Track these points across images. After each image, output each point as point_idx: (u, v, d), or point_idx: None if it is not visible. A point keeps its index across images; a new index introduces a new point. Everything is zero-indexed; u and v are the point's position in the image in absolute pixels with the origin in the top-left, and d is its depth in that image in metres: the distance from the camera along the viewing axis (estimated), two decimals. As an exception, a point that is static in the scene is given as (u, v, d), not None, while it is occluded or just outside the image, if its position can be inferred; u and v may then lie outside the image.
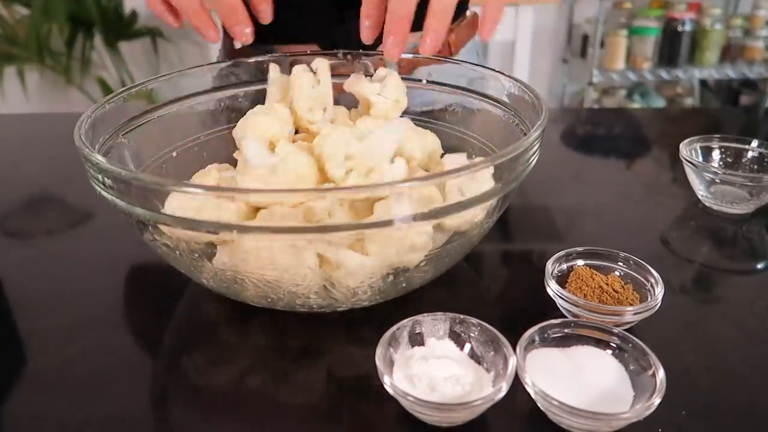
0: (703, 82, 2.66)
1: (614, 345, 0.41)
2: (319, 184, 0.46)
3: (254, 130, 0.50)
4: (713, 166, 0.64)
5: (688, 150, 0.65)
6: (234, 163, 0.54)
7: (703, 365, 0.43)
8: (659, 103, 2.58)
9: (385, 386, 0.37)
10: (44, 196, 0.70)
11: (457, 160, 0.55)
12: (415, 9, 0.49)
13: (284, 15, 0.72)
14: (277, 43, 0.71)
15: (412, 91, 0.57)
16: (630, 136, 0.88)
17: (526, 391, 0.37)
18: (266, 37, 0.60)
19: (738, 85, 2.61)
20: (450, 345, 0.41)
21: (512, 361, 0.38)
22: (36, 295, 0.52)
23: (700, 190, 0.64)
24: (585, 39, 2.46)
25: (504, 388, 0.36)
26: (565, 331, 0.41)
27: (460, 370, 0.39)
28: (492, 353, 0.40)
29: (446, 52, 0.72)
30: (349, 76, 0.56)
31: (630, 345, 0.40)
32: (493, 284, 0.53)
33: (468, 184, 0.42)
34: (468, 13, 0.76)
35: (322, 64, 0.55)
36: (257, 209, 0.44)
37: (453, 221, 0.45)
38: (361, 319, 0.47)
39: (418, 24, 0.50)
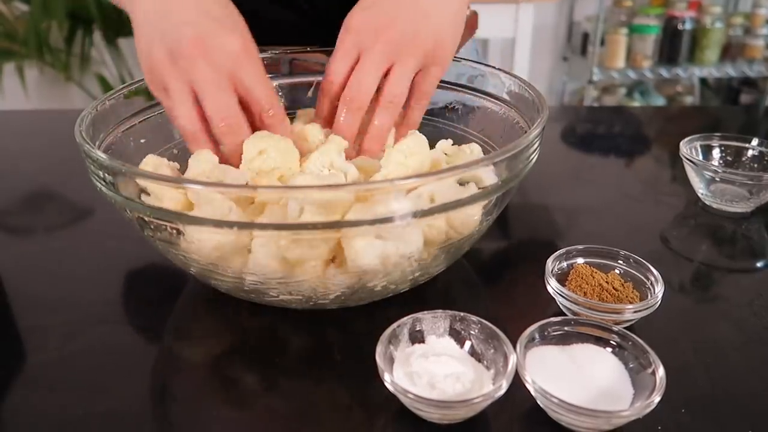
0: (703, 81, 2.66)
1: (614, 343, 0.41)
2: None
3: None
4: (713, 165, 0.64)
5: (689, 148, 0.65)
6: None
7: (702, 363, 0.43)
8: (659, 101, 2.58)
9: (386, 383, 0.37)
10: (44, 193, 0.70)
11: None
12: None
13: (285, 18, 0.71)
14: (276, 44, 0.71)
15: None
16: (630, 134, 0.88)
17: (526, 389, 0.37)
18: (267, 41, 0.60)
19: (738, 84, 2.61)
20: (450, 342, 0.41)
21: (512, 359, 0.38)
22: (36, 292, 0.52)
23: (700, 189, 0.64)
24: (585, 37, 2.46)
25: (504, 385, 0.36)
26: (565, 329, 0.41)
27: (460, 367, 0.39)
28: (492, 351, 0.40)
29: None
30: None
31: (630, 343, 0.40)
32: (493, 282, 0.53)
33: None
34: (467, 12, 0.76)
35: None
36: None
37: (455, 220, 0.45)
38: (361, 317, 0.47)
39: None
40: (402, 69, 0.49)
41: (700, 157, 0.66)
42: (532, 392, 0.37)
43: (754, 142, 0.66)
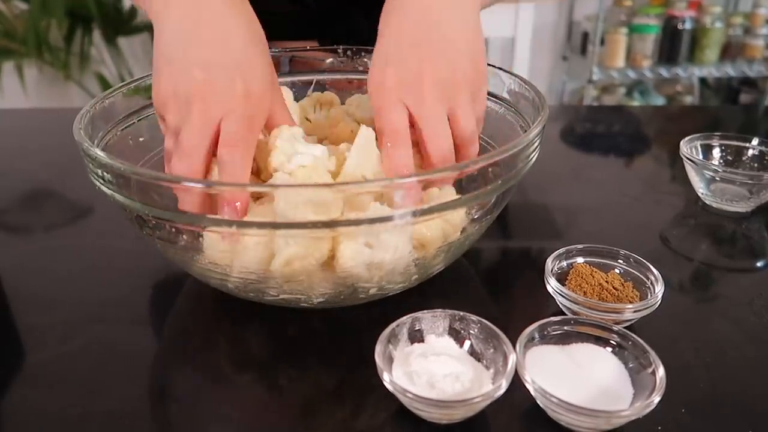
0: (703, 81, 2.66)
1: (614, 342, 0.41)
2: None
3: None
4: (713, 164, 0.64)
5: (689, 147, 0.65)
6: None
7: (702, 363, 0.43)
8: (659, 101, 2.58)
9: (385, 383, 0.37)
10: (43, 191, 0.70)
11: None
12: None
13: (285, 12, 0.72)
14: (275, 39, 0.71)
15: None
16: (630, 133, 0.88)
17: (526, 389, 0.37)
18: (266, 35, 0.60)
19: (738, 84, 2.61)
20: (449, 342, 0.41)
21: (512, 359, 0.38)
22: (35, 290, 0.52)
23: (700, 188, 0.64)
24: (585, 36, 2.46)
25: (503, 385, 0.36)
26: (565, 328, 0.41)
27: (459, 367, 0.39)
28: (492, 350, 0.40)
29: None
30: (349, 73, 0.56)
31: (630, 343, 0.40)
32: (492, 281, 0.53)
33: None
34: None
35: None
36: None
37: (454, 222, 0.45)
38: (360, 316, 0.47)
39: None
40: (463, 111, 0.46)
41: (700, 157, 0.66)
42: (532, 392, 0.37)
43: (754, 141, 0.66)
